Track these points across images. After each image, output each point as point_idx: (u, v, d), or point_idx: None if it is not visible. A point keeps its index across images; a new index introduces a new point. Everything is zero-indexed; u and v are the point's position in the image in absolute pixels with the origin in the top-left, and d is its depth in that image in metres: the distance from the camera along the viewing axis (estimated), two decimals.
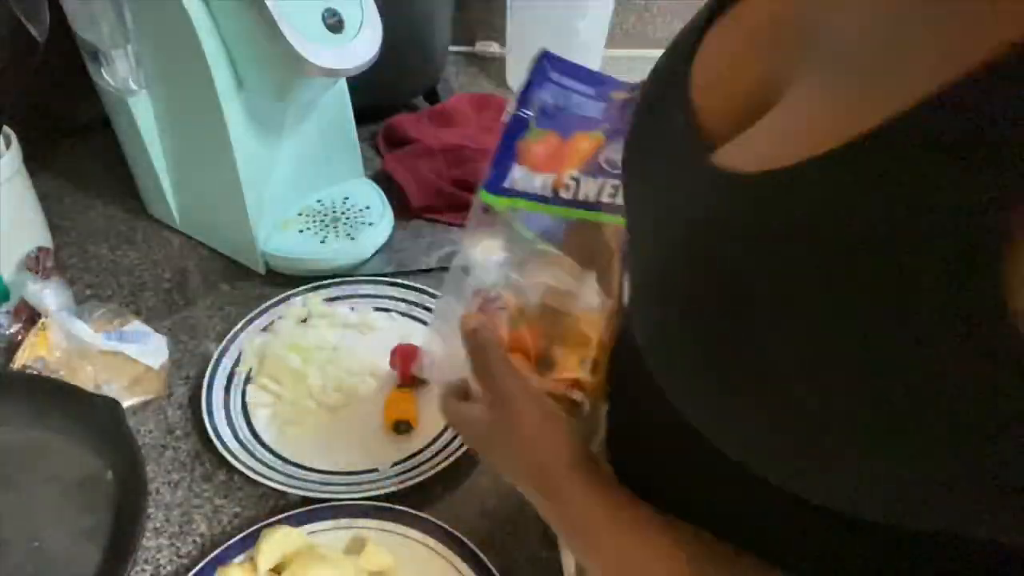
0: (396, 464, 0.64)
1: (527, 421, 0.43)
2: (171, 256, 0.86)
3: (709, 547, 0.37)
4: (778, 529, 0.35)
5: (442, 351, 0.53)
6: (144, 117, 0.81)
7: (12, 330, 0.73)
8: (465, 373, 0.49)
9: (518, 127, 0.51)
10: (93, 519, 0.60)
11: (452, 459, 0.63)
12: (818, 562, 0.34)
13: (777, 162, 0.25)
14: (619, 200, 0.47)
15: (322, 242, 0.83)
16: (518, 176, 0.50)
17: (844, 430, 0.24)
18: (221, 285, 0.82)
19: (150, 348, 0.72)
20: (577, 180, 0.49)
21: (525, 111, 0.51)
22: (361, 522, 0.58)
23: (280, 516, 0.58)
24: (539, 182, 0.49)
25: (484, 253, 0.52)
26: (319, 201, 0.88)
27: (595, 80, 0.52)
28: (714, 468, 0.37)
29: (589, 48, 1.10)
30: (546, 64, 0.51)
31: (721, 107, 0.31)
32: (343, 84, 0.83)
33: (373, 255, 0.85)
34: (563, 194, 0.49)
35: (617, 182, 0.48)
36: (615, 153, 0.48)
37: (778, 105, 0.29)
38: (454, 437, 0.65)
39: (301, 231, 0.84)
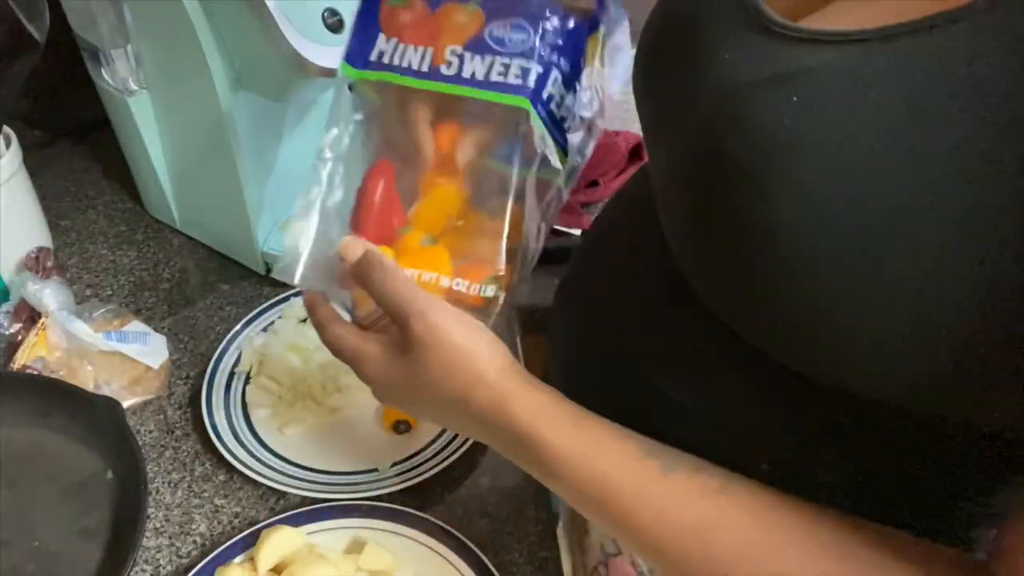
0: (396, 464, 0.64)
1: (454, 337, 0.39)
2: (171, 256, 0.86)
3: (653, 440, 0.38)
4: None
5: (313, 253, 0.46)
6: (144, 117, 0.81)
7: (12, 330, 0.72)
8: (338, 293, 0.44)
9: None
10: (93, 519, 0.60)
11: (452, 459, 0.63)
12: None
13: (906, 17, 0.27)
14: (511, 79, 0.43)
15: None
16: (386, 48, 0.45)
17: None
18: (221, 285, 0.82)
19: (150, 348, 0.71)
20: (460, 56, 0.44)
21: None
22: (361, 522, 0.58)
23: (280, 516, 0.58)
24: (414, 56, 0.44)
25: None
26: None
27: None
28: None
29: None
30: None
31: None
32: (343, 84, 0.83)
33: None
34: (445, 70, 0.43)
35: (508, 60, 0.43)
36: (502, 30, 0.44)
37: None
38: (454, 437, 0.65)
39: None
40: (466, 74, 0.43)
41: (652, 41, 0.41)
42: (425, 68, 0.44)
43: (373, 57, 0.44)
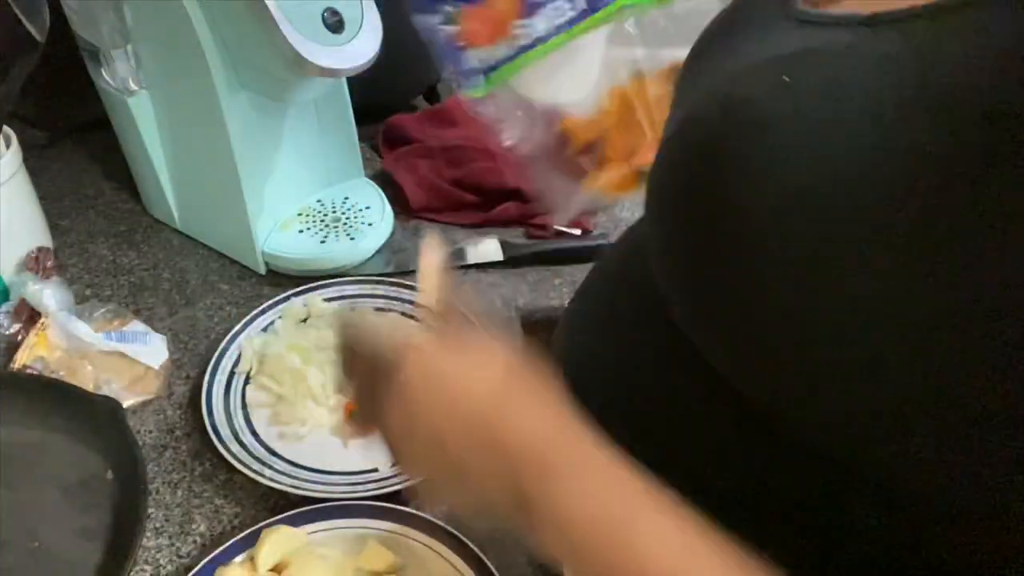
0: (397, 464, 0.64)
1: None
2: (171, 256, 0.86)
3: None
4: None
5: None
6: (144, 117, 0.81)
7: (12, 330, 0.73)
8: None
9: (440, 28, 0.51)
10: (93, 519, 0.60)
11: None
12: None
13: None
14: (570, 12, 0.49)
15: (322, 242, 0.83)
16: (476, 59, 0.50)
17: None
18: (221, 285, 0.82)
19: (150, 348, 0.71)
20: (524, 24, 0.49)
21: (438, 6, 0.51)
22: (361, 522, 0.58)
23: (280, 516, 0.58)
24: (497, 51, 0.49)
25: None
26: (319, 201, 0.88)
27: None
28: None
29: (589, 48, 1.10)
30: None
31: None
32: (343, 84, 0.83)
33: (373, 255, 0.85)
34: (524, 42, 0.49)
35: (561, 3, 0.49)
36: None
37: None
38: None
39: (301, 231, 0.84)
40: (542, 34, 0.50)
41: (702, 39, 0.41)
42: (512, 52, 0.50)
43: (477, 66, 0.51)
